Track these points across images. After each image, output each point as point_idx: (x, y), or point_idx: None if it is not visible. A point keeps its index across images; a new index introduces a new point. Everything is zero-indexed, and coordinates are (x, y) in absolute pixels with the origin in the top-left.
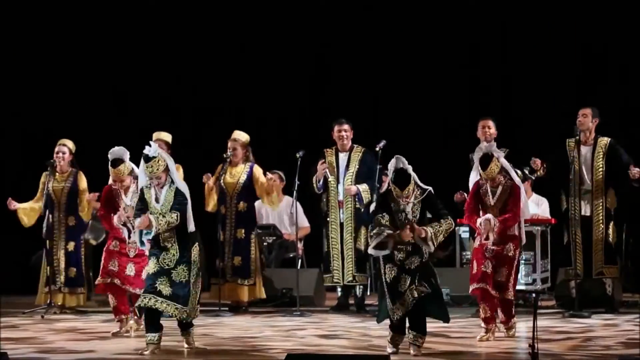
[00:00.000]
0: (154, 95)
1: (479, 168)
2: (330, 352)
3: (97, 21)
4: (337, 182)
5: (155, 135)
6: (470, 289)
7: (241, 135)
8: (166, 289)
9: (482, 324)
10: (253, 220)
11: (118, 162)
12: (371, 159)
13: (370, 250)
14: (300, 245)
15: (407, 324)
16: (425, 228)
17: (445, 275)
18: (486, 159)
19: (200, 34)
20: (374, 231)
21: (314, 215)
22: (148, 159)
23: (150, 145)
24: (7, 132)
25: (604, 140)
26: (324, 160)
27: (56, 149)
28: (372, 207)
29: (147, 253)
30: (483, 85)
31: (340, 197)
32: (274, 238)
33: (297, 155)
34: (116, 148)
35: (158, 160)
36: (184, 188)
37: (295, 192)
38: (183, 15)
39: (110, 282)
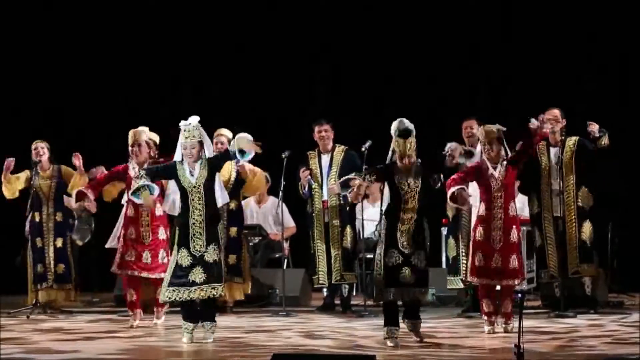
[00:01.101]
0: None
1: (482, 129)
2: (316, 352)
3: (95, 21)
4: (321, 183)
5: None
6: (471, 280)
7: (227, 132)
8: (200, 277)
9: (485, 318)
10: (242, 218)
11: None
12: (354, 158)
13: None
14: (286, 245)
15: (401, 315)
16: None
17: (431, 275)
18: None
19: (199, 33)
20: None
21: (300, 216)
22: (187, 125)
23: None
24: None
25: (572, 140)
26: (305, 168)
27: (33, 147)
28: (367, 203)
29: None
30: (478, 86)
31: (325, 197)
32: (260, 238)
33: (283, 156)
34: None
35: (197, 128)
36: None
37: (281, 192)
38: (175, 15)
39: (131, 275)
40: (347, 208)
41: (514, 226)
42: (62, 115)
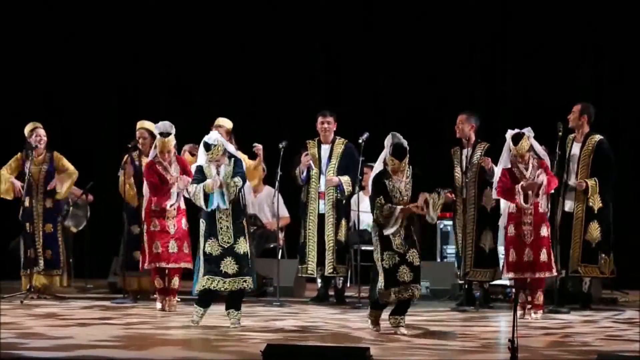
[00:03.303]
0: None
1: (511, 144)
2: (309, 343)
3: (95, 21)
4: (320, 173)
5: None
6: (508, 277)
7: (225, 122)
8: (232, 268)
9: (520, 309)
10: None
11: (167, 134)
12: (353, 152)
13: (388, 231)
14: (281, 235)
15: (392, 310)
16: (428, 196)
17: (425, 268)
18: (518, 137)
19: (198, 33)
20: (384, 212)
21: (295, 206)
22: (208, 146)
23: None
24: None
25: (595, 138)
26: (307, 152)
27: (33, 134)
28: (363, 194)
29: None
30: (478, 82)
31: (322, 189)
32: (255, 228)
33: (280, 146)
34: (163, 122)
35: (217, 147)
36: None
37: (277, 182)
38: (176, 14)
39: (158, 267)
40: (344, 202)
41: (544, 222)
42: (62, 117)
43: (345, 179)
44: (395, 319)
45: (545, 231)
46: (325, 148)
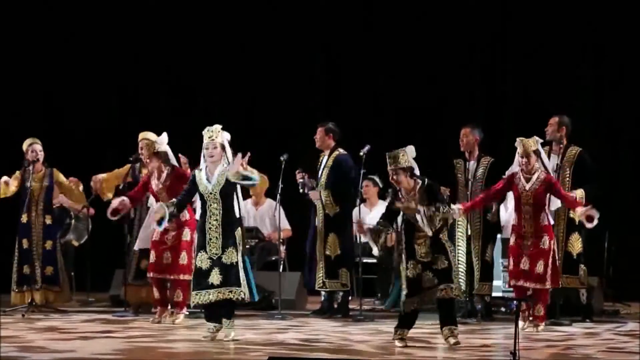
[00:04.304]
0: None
1: (519, 140)
2: (311, 356)
3: (94, 21)
4: (317, 184)
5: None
6: (511, 284)
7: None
8: (217, 279)
9: (521, 320)
10: None
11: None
12: (341, 163)
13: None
14: (282, 248)
15: (439, 321)
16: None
17: None
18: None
19: (198, 33)
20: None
21: (297, 219)
22: (211, 128)
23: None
24: None
25: (575, 150)
26: (300, 170)
27: (29, 149)
28: (364, 207)
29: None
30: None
31: (316, 202)
32: (257, 241)
33: (281, 159)
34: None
35: (218, 130)
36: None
37: (278, 195)
38: (176, 15)
39: (157, 278)
40: (331, 216)
41: (546, 234)
42: (62, 117)
43: (325, 194)
44: (449, 329)
45: (547, 244)
46: (323, 159)
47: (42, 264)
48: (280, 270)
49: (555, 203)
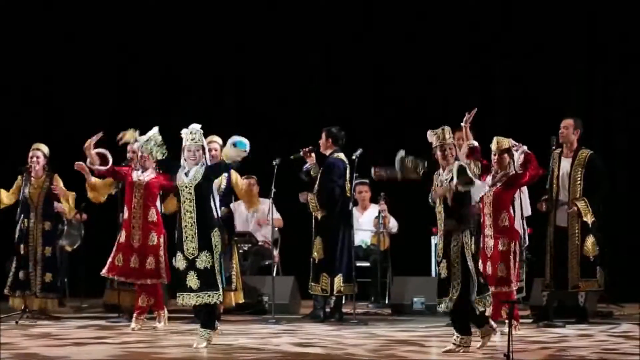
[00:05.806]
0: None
1: (495, 140)
2: None
3: (93, 20)
4: None
5: (209, 138)
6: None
7: (218, 139)
8: (195, 283)
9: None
10: (233, 225)
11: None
12: (327, 166)
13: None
14: (276, 252)
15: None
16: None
17: (420, 284)
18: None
19: (197, 33)
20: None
21: (290, 221)
22: (193, 129)
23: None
24: None
25: (585, 153)
26: (308, 149)
27: (30, 154)
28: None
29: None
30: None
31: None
32: (250, 245)
33: (274, 163)
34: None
35: (201, 134)
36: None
37: (271, 199)
38: (176, 15)
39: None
40: (319, 219)
41: (505, 236)
42: (62, 118)
43: (310, 197)
44: (461, 339)
45: (504, 245)
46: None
47: (42, 270)
48: (274, 274)
49: (527, 209)
